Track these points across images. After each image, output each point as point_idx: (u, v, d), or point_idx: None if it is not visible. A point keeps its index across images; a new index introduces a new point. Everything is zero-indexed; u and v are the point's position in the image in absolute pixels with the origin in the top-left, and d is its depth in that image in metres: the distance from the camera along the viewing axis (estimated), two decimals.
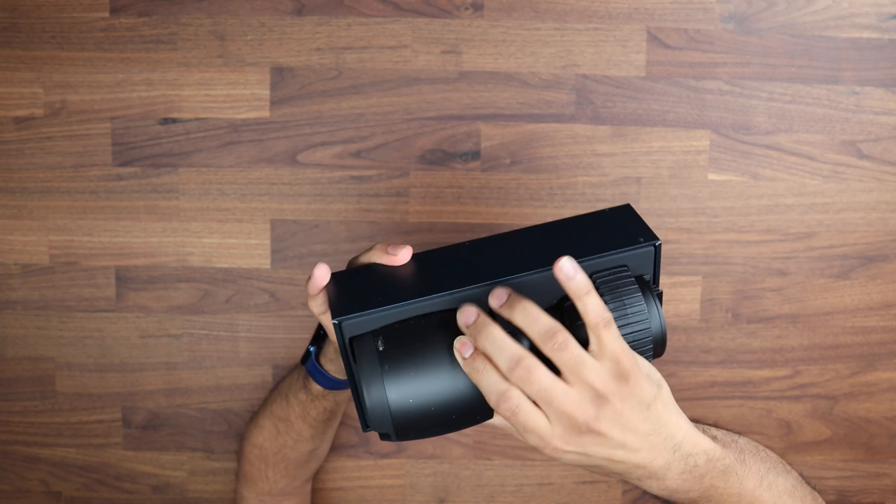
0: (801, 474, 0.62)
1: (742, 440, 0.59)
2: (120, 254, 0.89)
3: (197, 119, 0.87)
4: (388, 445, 0.92)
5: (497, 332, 0.50)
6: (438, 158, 0.88)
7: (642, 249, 0.54)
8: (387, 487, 0.93)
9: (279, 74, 0.87)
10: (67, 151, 0.88)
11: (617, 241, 0.54)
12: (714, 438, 0.56)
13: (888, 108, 0.87)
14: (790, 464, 0.61)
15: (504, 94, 0.87)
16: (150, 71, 0.87)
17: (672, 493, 0.56)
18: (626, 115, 0.87)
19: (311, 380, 0.74)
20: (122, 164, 0.88)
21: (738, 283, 0.89)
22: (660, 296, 0.55)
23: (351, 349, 0.55)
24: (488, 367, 0.50)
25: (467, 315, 0.51)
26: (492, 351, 0.50)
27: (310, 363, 0.73)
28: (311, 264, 0.89)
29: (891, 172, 0.88)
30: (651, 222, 0.89)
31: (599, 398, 0.50)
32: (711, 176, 0.88)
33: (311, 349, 0.73)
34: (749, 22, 0.86)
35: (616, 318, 0.52)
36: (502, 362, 0.50)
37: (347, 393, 0.76)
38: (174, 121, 0.88)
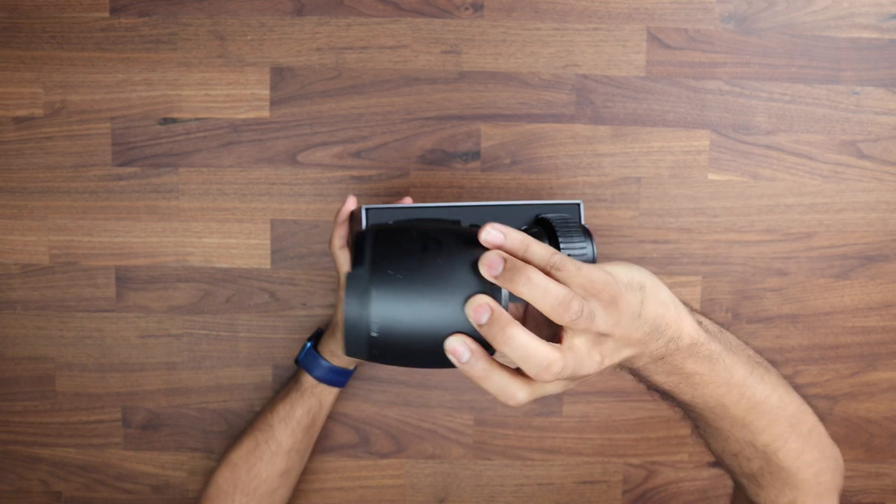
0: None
1: (730, 334, 0.57)
2: (120, 254, 0.89)
3: (197, 119, 0.88)
4: (387, 445, 0.92)
5: (519, 337, 0.46)
6: (438, 158, 0.88)
7: (570, 204, 0.73)
8: (387, 487, 0.93)
9: (279, 74, 0.87)
10: (67, 151, 0.88)
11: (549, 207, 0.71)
12: (700, 324, 0.54)
13: (888, 107, 0.87)
14: None
15: (504, 94, 0.87)
16: (150, 71, 0.87)
17: (651, 375, 0.54)
18: (626, 115, 0.87)
19: (303, 373, 0.76)
20: (122, 164, 0.88)
21: (738, 283, 0.89)
22: (592, 234, 0.70)
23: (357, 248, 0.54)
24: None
25: (480, 313, 0.47)
26: (514, 357, 0.47)
27: (307, 354, 0.75)
28: (311, 264, 0.89)
29: (891, 172, 0.88)
30: (651, 222, 0.89)
31: (600, 337, 0.49)
32: (711, 176, 0.88)
33: (308, 343, 0.76)
34: (749, 22, 0.86)
35: (567, 249, 0.61)
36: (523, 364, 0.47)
37: (331, 395, 0.79)
38: (174, 121, 0.88)
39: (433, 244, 0.50)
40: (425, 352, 0.49)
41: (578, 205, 0.73)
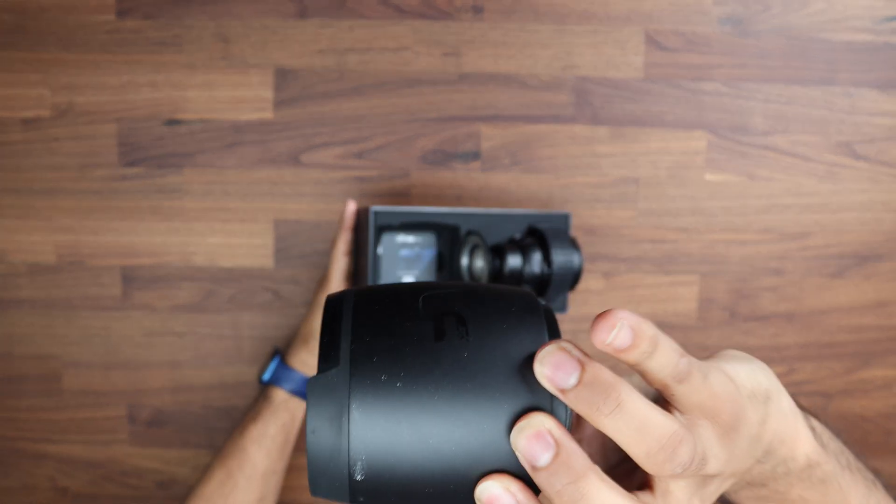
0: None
1: (841, 444, 0.43)
2: (125, 253, 0.90)
3: (201, 120, 0.88)
4: None
5: (601, 496, 0.30)
6: (439, 159, 0.89)
7: (559, 215, 0.72)
8: None
9: (282, 76, 0.88)
10: (73, 152, 0.89)
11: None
12: (813, 431, 0.40)
13: (882, 109, 0.88)
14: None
15: (504, 96, 0.88)
16: (155, 73, 0.88)
17: (737, 501, 0.41)
18: (624, 116, 0.88)
19: (273, 389, 0.71)
20: (128, 165, 0.89)
21: (735, 282, 0.90)
22: (579, 246, 0.71)
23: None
24: None
25: (538, 449, 0.29)
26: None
27: (277, 369, 0.71)
28: (313, 264, 0.90)
29: (885, 173, 0.88)
30: (649, 222, 0.89)
31: (706, 479, 0.34)
32: (709, 176, 0.89)
33: (275, 359, 0.73)
34: (746, 24, 0.87)
35: (558, 258, 0.58)
36: None
37: (303, 407, 0.72)
38: (179, 122, 0.88)
39: (454, 324, 0.31)
40: (445, 495, 0.31)
41: (567, 216, 0.75)
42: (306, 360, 0.73)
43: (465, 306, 0.32)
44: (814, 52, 0.87)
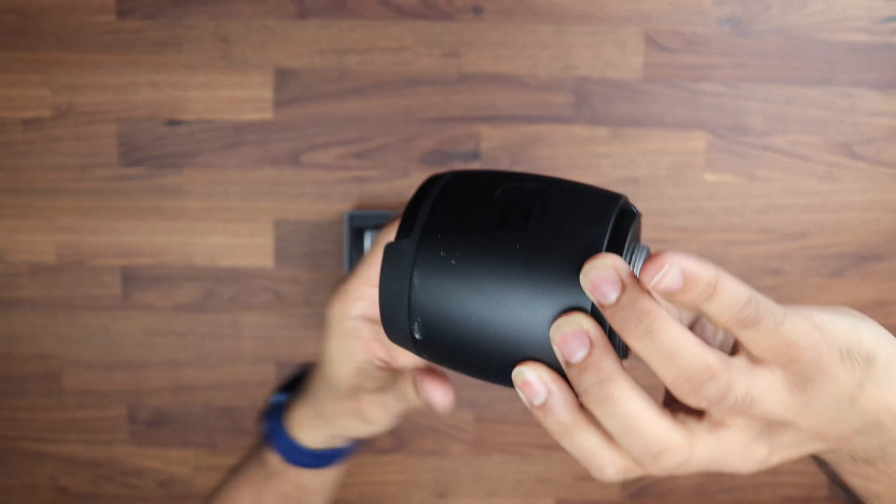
0: None
1: None
2: (126, 253, 0.90)
3: (201, 120, 0.89)
4: (387, 441, 0.94)
5: (625, 402, 0.31)
6: (439, 159, 0.89)
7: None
8: (388, 483, 0.94)
9: (282, 76, 0.88)
10: (74, 152, 0.89)
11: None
12: None
13: (882, 109, 0.88)
14: None
15: (503, 96, 0.88)
16: (155, 73, 0.88)
17: (843, 475, 0.38)
18: (623, 117, 0.88)
19: (267, 450, 0.51)
20: (128, 165, 0.89)
21: None
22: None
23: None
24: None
25: (573, 345, 0.31)
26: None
27: (272, 422, 0.50)
28: (313, 264, 0.90)
29: (884, 173, 0.89)
30: (648, 222, 0.90)
31: (773, 426, 0.33)
32: (708, 176, 0.89)
33: (276, 400, 0.51)
34: (745, 25, 0.87)
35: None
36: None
37: (319, 478, 0.53)
38: (179, 122, 0.89)
39: (518, 215, 0.33)
40: (487, 369, 0.34)
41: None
42: (308, 429, 0.49)
43: (539, 201, 0.33)
44: (813, 52, 0.87)
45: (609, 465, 0.32)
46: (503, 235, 0.32)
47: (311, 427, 0.48)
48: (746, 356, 0.32)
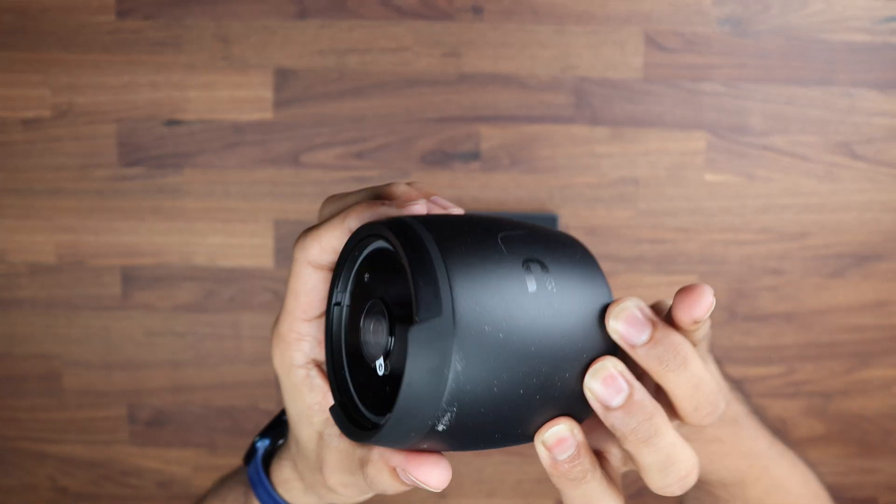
0: None
1: (743, 394, 0.46)
2: (126, 253, 0.91)
3: (201, 120, 0.89)
4: None
5: (669, 435, 0.32)
6: (439, 159, 0.89)
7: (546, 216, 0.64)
8: None
9: (282, 77, 0.88)
10: (74, 152, 0.89)
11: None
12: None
13: (881, 109, 0.88)
14: None
15: (503, 96, 0.88)
16: (155, 73, 0.88)
17: None
18: (623, 117, 0.88)
19: (252, 494, 0.45)
20: (128, 165, 0.89)
21: (734, 282, 0.90)
22: None
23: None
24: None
25: (613, 390, 0.31)
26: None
27: (253, 467, 0.44)
28: None
29: (884, 173, 0.89)
30: (648, 222, 0.90)
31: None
32: (708, 176, 0.89)
33: (259, 444, 0.45)
34: (745, 25, 0.87)
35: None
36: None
37: None
38: (179, 122, 0.89)
39: (539, 273, 0.31)
40: (513, 437, 0.32)
41: (554, 218, 0.73)
42: (295, 493, 0.43)
43: (544, 252, 0.32)
44: (813, 52, 0.87)
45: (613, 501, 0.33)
46: (537, 296, 0.31)
47: (297, 490, 0.42)
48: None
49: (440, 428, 0.30)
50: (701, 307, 0.31)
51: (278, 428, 0.45)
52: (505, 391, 0.30)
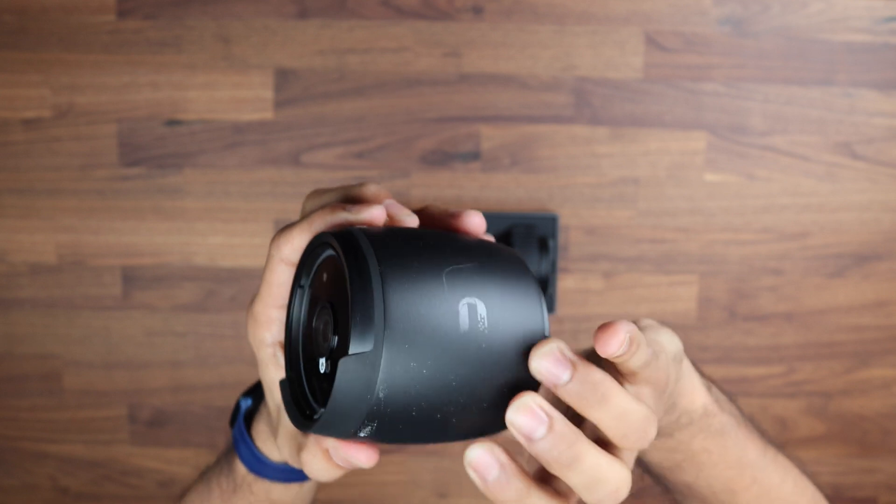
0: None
1: (737, 405, 0.48)
2: (126, 253, 0.91)
3: (202, 120, 0.89)
4: None
5: (591, 456, 0.34)
6: (439, 159, 0.89)
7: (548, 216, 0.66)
8: (388, 483, 0.94)
9: (283, 77, 0.88)
10: (74, 152, 0.89)
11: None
12: (709, 391, 0.45)
13: (881, 109, 0.88)
14: None
15: (504, 96, 0.88)
16: (155, 73, 0.88)
17: (647, 453, 0.45)
18: (623, 117, 0.88)
19: (235, 458, 0.47)
20: (129, 165, 0.89)
21: (734, 282, 0.90)
22: (550, 250, 0.63)
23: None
24: None
25: (534, 424, 0.33)
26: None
27: (238, 427, 0.47)
28: None
29: (884, 173, 0.89)
30: (648, 222, 0.90)
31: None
32: (708, 176, 0.89)
33: (242, 403, 0.48)
34: (745, 25, 0.87)
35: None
36: None
37: (289, 493, 0.47)
38: (179, 122, 0.89)
39: (474, 313, 0.33)
40: (423, 442, 0.35)
41: (555, 218, 0.73)
42: (270, 445, 0.45)
43: (485, 289, 0.34)
44: (813, 52, 0.87)
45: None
46: (467, 335, 0.33)
47: (272, 445, 0.45)
48: (630, 385, 0.38)
49: (362, 434, 0.33)
50: (612, 345, 0.33)
51: (261, 389, 0.47)
52: (423, 416, 0.33)
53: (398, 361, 0.32)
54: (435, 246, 0.34)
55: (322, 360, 0.35)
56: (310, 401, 0.37)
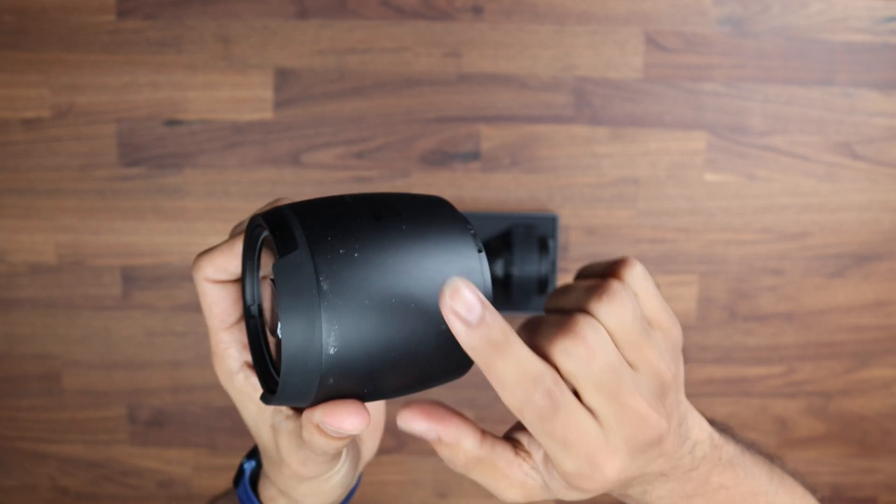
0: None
1: (728, 426, 0.47)
2: (126, 253, 0.91)
3: (202, 120, 0.89)
4: (387, 441, 0.94)
5: (516, 349, 0.33)
6: (439, 159, 0.89)
7: (548, 216, 0.66)
8: (388, 483, 0.94)
9: (282, 77, 0.88)
10: (74, 152, 0.89)
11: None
12: (702, 415, 0.44)
13: (881, 109, 0.88)
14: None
15: (504, 96, 0.88)
16: (155, 73, 0.88)
17: (655, 501, 0.42)
18: (623, 117, 0.88)
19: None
20: (128, 165, 0.89)
21: (734, 282, 0.90)
22: (550, 250, 0.64)
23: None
24: (513, 342, 0.33)
25: (466, 305, 0.32)
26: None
27: (242, 489, 0.47)
28: None
29: (884, 173, 0.89)
30: (648, 222, 0.90)
31: (665, 387, 0.37)
32: (708, 176, 0.89)
33: (246, 465, 0.48)
34: (745, 25, 0.87)
35: (519, 263, 0.52)
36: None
37: None
38: (179, 122, 0.89)
39: (384, 209, 0.35)
40: (413, 355, 0.35)
41: (555, 218, 0.74)
42: (276, 498, 0.46)
43: (385, 200, 0.36)
44: (813, 52, 0.87)
45: (546, 374, 0.34)
46: (387, 222, 0.34)
47: (274, 499, 0.45)
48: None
49: (332, 350, 0.33)
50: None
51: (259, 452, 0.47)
52: (377, 302, 0.33)
53: (326, 252, 0.33)
54: (361, 201, 0.36)
55: (279, 330, 0.35)
56: (275, 378, 0.38)
